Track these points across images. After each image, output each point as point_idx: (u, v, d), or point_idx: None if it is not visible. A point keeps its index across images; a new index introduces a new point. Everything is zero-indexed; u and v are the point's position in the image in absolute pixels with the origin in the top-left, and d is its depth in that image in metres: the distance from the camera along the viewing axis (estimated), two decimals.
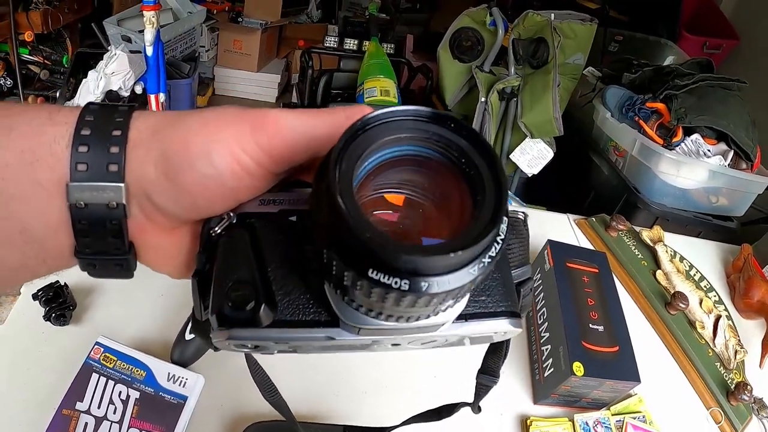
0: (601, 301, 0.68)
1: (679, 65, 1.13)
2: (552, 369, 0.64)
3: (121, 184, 0.21)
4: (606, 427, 0.64)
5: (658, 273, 0.85)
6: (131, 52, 1.61)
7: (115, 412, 0.49)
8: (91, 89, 1.56)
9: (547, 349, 0.66)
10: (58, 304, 0.57)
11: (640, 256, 0.87)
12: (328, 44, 1.64)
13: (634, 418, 0.66)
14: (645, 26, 1.70)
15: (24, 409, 0.48)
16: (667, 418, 0.67)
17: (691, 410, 0.70)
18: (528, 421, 0.63)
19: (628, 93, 1.12)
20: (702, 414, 0.70)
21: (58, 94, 1.61)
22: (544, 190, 1.01)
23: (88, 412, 0.48)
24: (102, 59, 1.56)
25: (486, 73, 1.26)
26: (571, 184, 1.23)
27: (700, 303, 0.81)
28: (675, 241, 0.91)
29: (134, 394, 0.50)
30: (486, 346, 0.34)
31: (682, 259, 0.88)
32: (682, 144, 0.98)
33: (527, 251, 0.29)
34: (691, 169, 0.98)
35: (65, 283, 0.59)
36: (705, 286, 0.86)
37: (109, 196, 0.21)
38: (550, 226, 0.76)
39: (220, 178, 0.21)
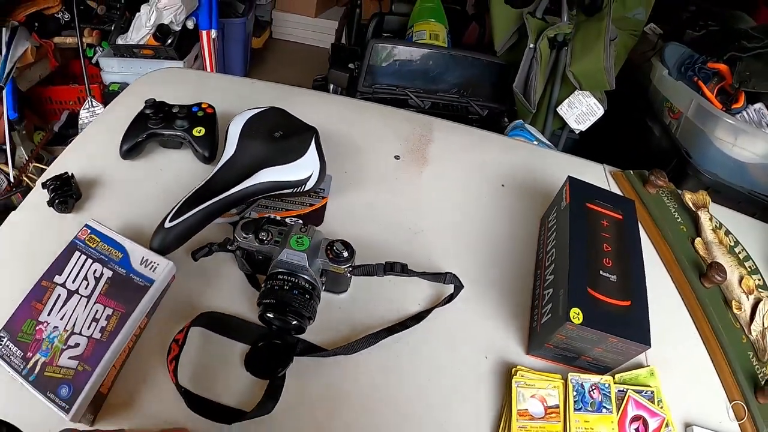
0: (619, 250, 0.57)
1: (749, 28, 0.98)
2: (549, 315, 0.55)
3: None
4: (604, 394, 0.55)
5: (697, 241, 0.72)
6: None
7: (86, 288, 0.50)
8: (143, 22, 1.58)
9: (548, 293, 0.57)
10: (63, 191, 0.60)
11: (679, 220, 0.74)
12: None
13: (640, 393, 0.56)
14: None
15: (19, 280, 0.51)
16: (680, 401, 0.56)
17: (710, 399, 0.59)
18: (513, 370, 0.55)
19: (688, 51, 0.99)
20: (723, 406, 0.59)
21: (113, 27, 1.64)
22: (592, 152, 0.91)
23: (63, 285, 0.50)
24: None
25: (537, 20, 1.14)
26: (620, 146, 1.12)
27: (740, 281, 0.69)
28: (723, 214, 0.78)
29: (107, 273, 0.51)
30: None
31: (728, 233, 0.76)
32: (744, 112, 0.84)
33: None
34: (751, 140, 0.84)
35: (72, 173, 0.62)
36: (750, 267, 0.74)
37: None
38: (583, 176, 0.67)
39: None
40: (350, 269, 0.52)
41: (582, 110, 1.09)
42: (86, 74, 1.54)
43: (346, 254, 0.51)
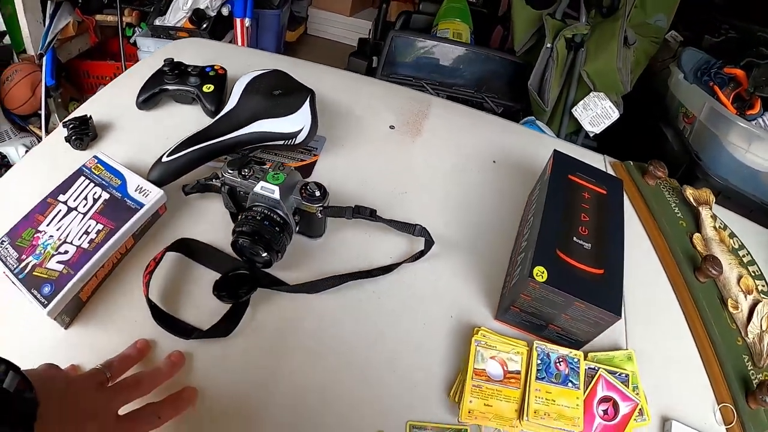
0: (597, 221, 0.57)
1: None
2: (517, 278, 0.56)
3: None
4: (572, 368, 0.54)
5: (696, 236, 0.71)
6: None
7: (84, 206, 0.55)
8: (180, 5, 1.69)
9: (521, 258, 0.58)
10: (80, 130, 0.66)
11: (679, 214, 0.73)
12: None
13: (613, 374, 0.55)
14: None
15: (31, 200, 0.56)
16: (660, 393, 0.55)
17: (695, 397, 0.57)
18: (475, 329, 0.56)
19: (705, 57, 0.99)
20: (709, 406, 0.57)
21: (152, 9, 1.76)
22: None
23: (65, 202, 0.55)
24: None
25: (556, 21, 1.17)
26: (635, 154, 1.12)
27: (739, 279, 0.67)
28: (731, 218, 0.76)
29: (105, 196, 0.57)
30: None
31: (732, 235, 0.74)
32: (759, 119, 0.83)
33: None
34: (765, 147, 0.83)
35: (91, 116, 0.68)
36: (754, 272, 0.72)
37: None
38: None
39: None
40: (321, 209, 0.55)
41: (597, 112, 1.09)
42: (123, 52, 1.65)
43: (318, 194, 0.54)
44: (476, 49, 1.27)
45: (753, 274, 0.70)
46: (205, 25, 1.65)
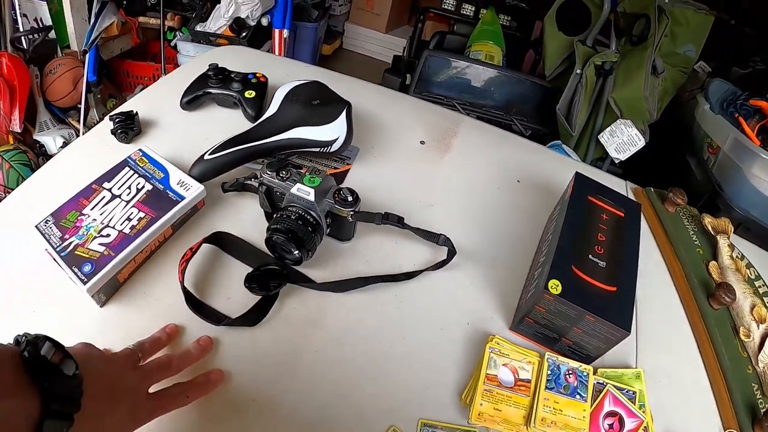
0: (613, 242, 0.60)
1: None
2: (533, 290, 0.59)
3: None
4: (581, 381, 0.57)
5: (712, 264, 0.73)
6: None
7: (128, 195, 0.60)
8: (222, 13, 1.78)
9: (537, 273, 0.61)
10: (126, 124, 0.71)
11: (696, 242, 0.76)
12: (445, 7, 1.71)
13: (621, 390, 0.58)
14: None
15: (75, 188, 0.60)
16: (666, 414, 0.56)
17: (702, 422, 0.58)
18: (490, 337, 0.59)
19: (732, 88, 1.02)
20: (714, 430, 0.60)
21: (194, 15, 1.86)
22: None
23: (109, 190, 0.60)
24: None
25: (587, 47, 1.21)
26: (661, 184, 1.14)
27: (752, 308, 0.70)
28: (750, 250, 0.78)
29: (148, 186, 0.61)
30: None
31: (749, 265, 0.76)
32: None
33: None
34: None
35: (137, 112, 0.73)
36: None
37: None
38: None
39: None
40: (352, 213, 0.59)
41: (623, 140, 1.12)
42: (164, 55, 1.74)
43: (350, 199, 0.59)
44: (507, 72, 1.32)
45: (767, 305, 0.72)
46: (244, 34, 1.73)
